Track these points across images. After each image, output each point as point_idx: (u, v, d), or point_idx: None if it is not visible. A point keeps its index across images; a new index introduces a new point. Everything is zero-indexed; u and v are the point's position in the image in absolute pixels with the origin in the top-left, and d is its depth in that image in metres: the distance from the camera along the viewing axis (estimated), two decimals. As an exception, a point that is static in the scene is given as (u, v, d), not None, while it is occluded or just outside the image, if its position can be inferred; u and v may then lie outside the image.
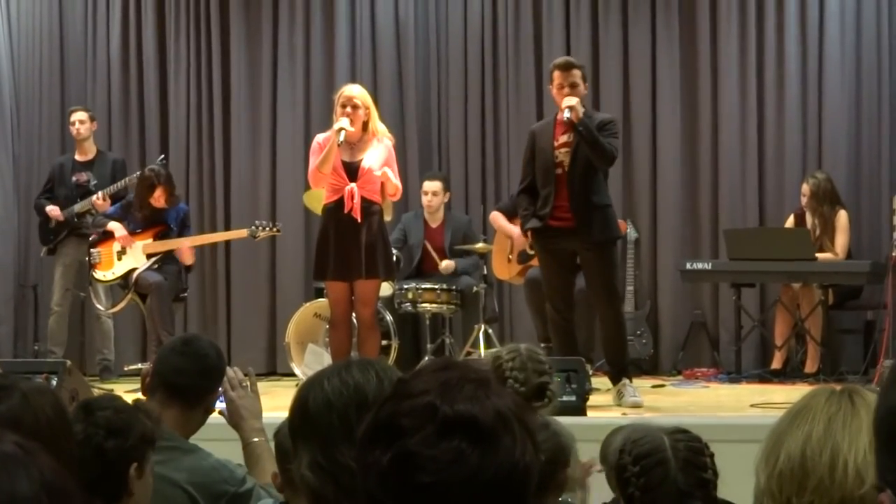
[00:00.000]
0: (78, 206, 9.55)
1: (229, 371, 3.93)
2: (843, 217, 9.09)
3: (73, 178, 9.69)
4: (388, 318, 9.03)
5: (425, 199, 9.65)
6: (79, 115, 9.76)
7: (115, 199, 9.37)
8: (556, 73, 7.44)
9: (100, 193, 9.42)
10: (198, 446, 3.68)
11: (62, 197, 9.68)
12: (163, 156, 9.85)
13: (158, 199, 8.99)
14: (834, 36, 9.84)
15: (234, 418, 3.85)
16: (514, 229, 9.24)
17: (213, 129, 10.56)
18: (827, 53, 9.86)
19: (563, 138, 7.41)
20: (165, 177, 9.04)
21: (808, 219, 9.17)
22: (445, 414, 1.58)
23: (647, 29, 10.10)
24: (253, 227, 8.97)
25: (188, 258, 9.03)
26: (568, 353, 7.24)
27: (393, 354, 8.87)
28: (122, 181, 9.46)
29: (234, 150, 10.53)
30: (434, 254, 9.56)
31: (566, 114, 7.27)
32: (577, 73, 7.42)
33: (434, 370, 1.65)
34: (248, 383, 3.93)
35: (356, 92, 7.59)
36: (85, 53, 10.74)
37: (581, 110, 7.27)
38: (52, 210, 9.65)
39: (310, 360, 8.73)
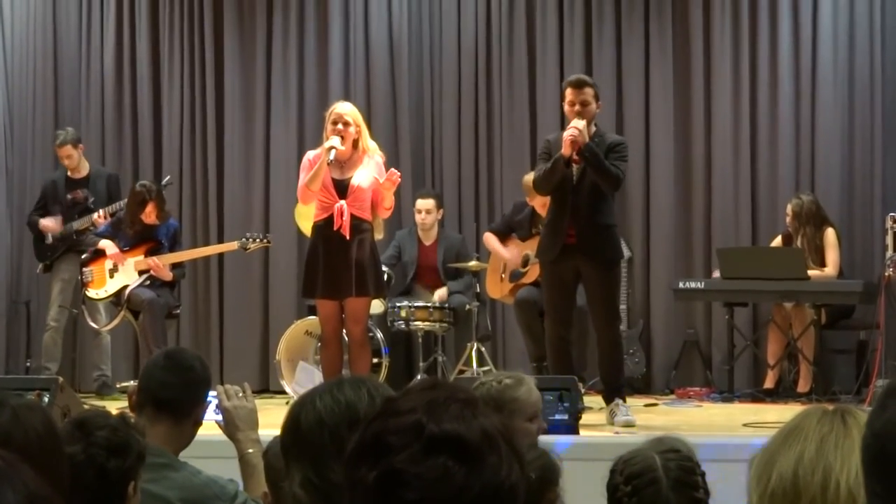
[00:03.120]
0: (77, 224, 9.53)
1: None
2: (830, 234, 9.09)
3: (70, 196, 9.64)
4: (379, 335, 9.01)
5: (419, 217, 9.64)
6: (66, 151, 9.58)
7: (115, 216, 9.36)
8: (568, 91, 7.37)
9: (101, 211, 9.41)
10: (187, 463, 3.66)
11: (56, 214, 9.65)
12: (168, 177, 9.78)
13: (150, 214, 8.99)
14: (827, 54, 9.85)
15: (229, 429, 3.84)
16: (507, 252, 9.24)
17: (207, 145, 10.55)
18: (820, 72, 9.87)
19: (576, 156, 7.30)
20: (156, 192, 9.04)
21: (794, 240, 9.17)
22: (432, 432, 1.58)
23: (641, 48, 10.11)
24: (244, 239, 8.97)
25: (165, 275, 9.00)
26: (563, 372, 7.22)
27: (383, 372, 8.85)
28: (123, 201, 9.38)
29: (227, 166, 10.53)
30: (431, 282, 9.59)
31: (567, 132, 7.18)
32: (589, 91, 7.35)
33: (421, 389, 1.66)
34: (244, 394, 3.91)
35: (347, 109, 7.57)
36: (79, 68, 10.72)
37: (585, 136, 7.17)
38: (47, 222, 9.60)
39: (301, 378, 8.72)
